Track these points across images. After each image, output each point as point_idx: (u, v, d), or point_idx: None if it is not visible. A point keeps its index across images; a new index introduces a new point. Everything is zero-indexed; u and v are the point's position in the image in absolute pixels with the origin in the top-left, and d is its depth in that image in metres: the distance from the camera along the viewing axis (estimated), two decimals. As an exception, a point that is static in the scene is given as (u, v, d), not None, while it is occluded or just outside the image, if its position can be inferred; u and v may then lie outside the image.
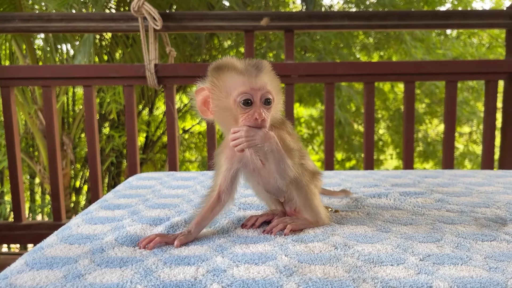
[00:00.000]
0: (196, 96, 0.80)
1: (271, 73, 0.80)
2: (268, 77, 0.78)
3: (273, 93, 0.77)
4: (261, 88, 0.76)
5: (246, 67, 0.77)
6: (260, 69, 0.77)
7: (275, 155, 0.77)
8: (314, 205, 0.84)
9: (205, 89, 0.79)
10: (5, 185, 4.84)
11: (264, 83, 0.76)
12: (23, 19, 2.01)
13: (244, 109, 0.75)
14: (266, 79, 0.78)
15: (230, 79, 0.76)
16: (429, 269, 0.63)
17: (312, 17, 2.09)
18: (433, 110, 5.91)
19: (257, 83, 0.76)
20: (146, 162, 5.03)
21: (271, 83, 0.78)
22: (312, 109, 6.19)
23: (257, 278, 0.61)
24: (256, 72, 0.76)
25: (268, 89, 0.77)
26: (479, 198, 1.07)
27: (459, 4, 5.67)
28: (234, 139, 0.76)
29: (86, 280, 0.61)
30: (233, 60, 0.78)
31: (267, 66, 0.79)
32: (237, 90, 0.75)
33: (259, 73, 0.77)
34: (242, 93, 0.75)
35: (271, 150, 0.77)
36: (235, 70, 0.76)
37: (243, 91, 0.75)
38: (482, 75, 2.11)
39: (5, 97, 2.00)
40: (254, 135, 0.75)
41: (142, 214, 0.94)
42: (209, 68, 0.80)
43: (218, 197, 0.81)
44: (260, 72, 0.77)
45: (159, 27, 1.91)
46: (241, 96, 0.75)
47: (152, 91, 4.51)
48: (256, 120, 0.75)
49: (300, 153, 0.84)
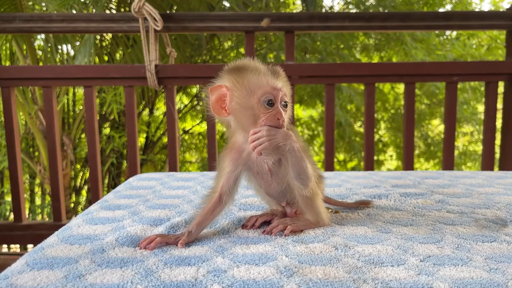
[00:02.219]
0: (211, 94, 0.79)
1: (285, 79, 0.82)
2: (283, 82, 0.81)
3: (288, 95, 0.80)
4: (281, 89, 0.78)
5: (268, 69, 0.80)
6: (279, 73, 0.80)
7: (296, 154, 0.78)
8: (316, 206, 0.84)
9: (222, 87, 0.79)
10: (5, 185, 4.84)
11: (282, 85, 0.79)
12: (24, 19, 2.01)
13: (267, 109, 0.77)
14: (286, 83, 0.82)
15: (254, 78, 0.78)
16: (429, 270, 0.63)
17: (312, 18, 2.09)
18: (433, 111, 5.92)
19: (278, 84, 0.78)
20: (146, 163, 5.03)
21: (286, 88, 0.81)
22: (313, 110, 6.19)
23: (258, 278, 0.61)
24: (277, 75, 0.79)
25: (286, 92, 0.80)
26: (480, 199, 1.07)
27: (459, 5, 5.68)
28: (254, 140, 0.76)
29: (86, 281, 0.61)
30: (253, 61, 0.81)
31: (282, 71, 0.82)
32: (262, 90, 0.77)
33: (279, 76, 0.80)
34: (266, 93, 0.77)
35: (292, 149, 0.77)
36: (259, 71, 0.78)
37: (267, 91, 0.77)
38: (483, 76, 2.11)
39: (6, 98, 2.00)
40: (275, 134, 0.76)
41: (143, 215, 0.94)
42: (226, 68, 0.81)
43: (219, 198, 0.81)
44: (280, 75, 0.80)
45: (160, 27, 1.92)
46: (266, 96, 0.77)
47: (153, 91, 4.51)
48: (278, 120, 0.77)
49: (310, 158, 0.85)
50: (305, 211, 0.84)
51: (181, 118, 5.50)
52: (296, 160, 0.78)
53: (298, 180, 0.80)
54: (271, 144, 0.76)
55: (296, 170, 0.79)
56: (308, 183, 0.80)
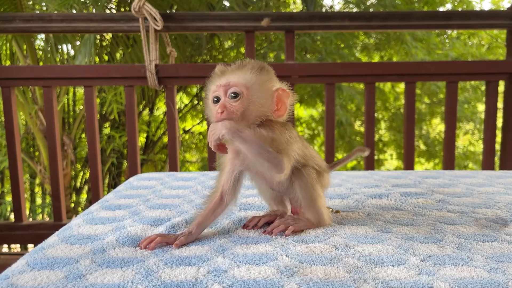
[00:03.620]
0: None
1: (253, 70, 0.78)
2: (244, 74, 0.77)
3: (243, 87, 0.76)
4: (226, 84, 0.77)
5: (219, 69, 0.80)
6: (234, 68, 0.79)
7: (249, 144, 0.73)
8: (318, 206, 0.84)
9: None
10: (6, 185, 4.84)
11: (230, 79, 0.77)
12: (24, 19, 2.01)
13: (214, 107, 0.78)
14: (242, 75, 0.77)
15: (209, 84, 0.81)
16: (430, 270, 0.63)
17: (313, 18, 2.09)
18: (433, 110, 5.92)
19: (221, 80, 0.77)
20: (147, 163, 5.04)
21: (248, 79, 0.77)
22: (313, 109, 6.19)
23: (258, 278, 0.61)
24: (225, 70, 0.79)
25: (233, 83, 0.76)
26: (480, 199, 1.07)
27: (459, 5, 5.68)
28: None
29: (87, 281, 0.61)
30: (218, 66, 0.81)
31: (247, 64, 0.79)
32: (210, 92, 0.79)
33: (229, 71, 0.78)
34: (213, 93, 0.78)
35: (237, 137, 0.72)
36: (211, 75, 0.80)
37: (213, 91, 0.78)
38: (483, 76, 2.11)
39: (6, 97, 2.00)
40: (215, 128, 0.74)
41: (143, 215, 0.94)
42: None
43: (220, 198, 0.81)
44: (230, 70, 0.78)
45: (160, 27, 1.92)
46: (212, 96, 0.78)
47: (153, 91, 4.51)
48: (217, 114, 0.76)
49: (302, 152, 0.83)
50: (307, 211, 0.84)
51: (181, 118, 5.50)
52: (248, 147, 0.73)
53: (264, 168, 0.77)
54: (215, 140, 0.74)
55: (255, 158, 0.75)
56: (276, 169, 0.75)
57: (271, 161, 0.74)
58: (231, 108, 0.75)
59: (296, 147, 0.81)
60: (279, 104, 0.80)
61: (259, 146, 0.73)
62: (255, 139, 0.73)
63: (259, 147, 0.73)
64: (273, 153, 0.74)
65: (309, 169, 0.83)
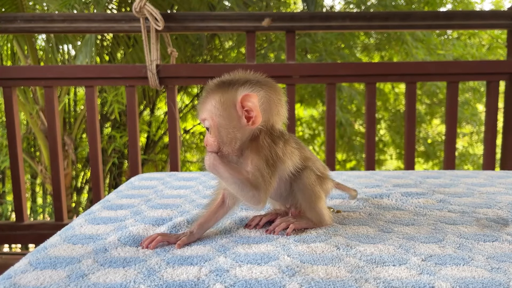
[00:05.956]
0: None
1: (213, 93, 0.76)
2: (208, 101, 0.76)
3: (209, 117, 0.76)
4: (201, 119, 0.78)
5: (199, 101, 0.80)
6: (201, 99, 0.78)
7: (225, 180, 0.75)
8: (318, 208, 0.84)
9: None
10: (7, 185, 4.85)
11: (200, 113, 0.78)
12: (25, 19, 2.02)
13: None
14: (206, 104, 0.76)
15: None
16: (431, 270, 0.63)
17: (313, 18, 2.09)
18: (433, 111, 5.92)
19: (200, 116, 0.78)
20: (147, 163, 5.04)
21: (211, 106, 0.75)
22: (313, 109, 6.19)
23: (260, 278, 0.61)
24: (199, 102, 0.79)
25: (202, 118, 0.77)
26: (481, 199, 1.07)
27: (460, 5, 5.68)
28: None
29: (89, 280, 0.61)
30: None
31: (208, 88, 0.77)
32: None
33: (199, 103, 0.78)
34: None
35: (218, 175, 0.76)
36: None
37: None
38: (484, 76, 2.11)
39: (7, 97, 2.00)
40: (204, 161, 0.77)
41: (145, 214, 0.94)
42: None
43: (222, 201, 0.82)
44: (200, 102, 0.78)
45: (161, 27, 1.92)
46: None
47: (153, 91, 4.52)
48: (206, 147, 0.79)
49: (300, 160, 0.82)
50: (308, 213, 0.84)
51: (182, 118, 5.50)
52: (224, 181, 0.76)
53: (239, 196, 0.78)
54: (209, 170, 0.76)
55: (232, 190, 0.77)
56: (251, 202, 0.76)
57: (246, 196, 0.76)
58: (208, 141, 0.78)
59: (291, 163, 0.80)
60: (249, 112, 0.74)
61: (234, 181, 0.74)
62: (229, 175, 0.74)
63: (233, 181, 0.75)
64: (247, 187, 0.74)
65: (307, 171, 0.83)
